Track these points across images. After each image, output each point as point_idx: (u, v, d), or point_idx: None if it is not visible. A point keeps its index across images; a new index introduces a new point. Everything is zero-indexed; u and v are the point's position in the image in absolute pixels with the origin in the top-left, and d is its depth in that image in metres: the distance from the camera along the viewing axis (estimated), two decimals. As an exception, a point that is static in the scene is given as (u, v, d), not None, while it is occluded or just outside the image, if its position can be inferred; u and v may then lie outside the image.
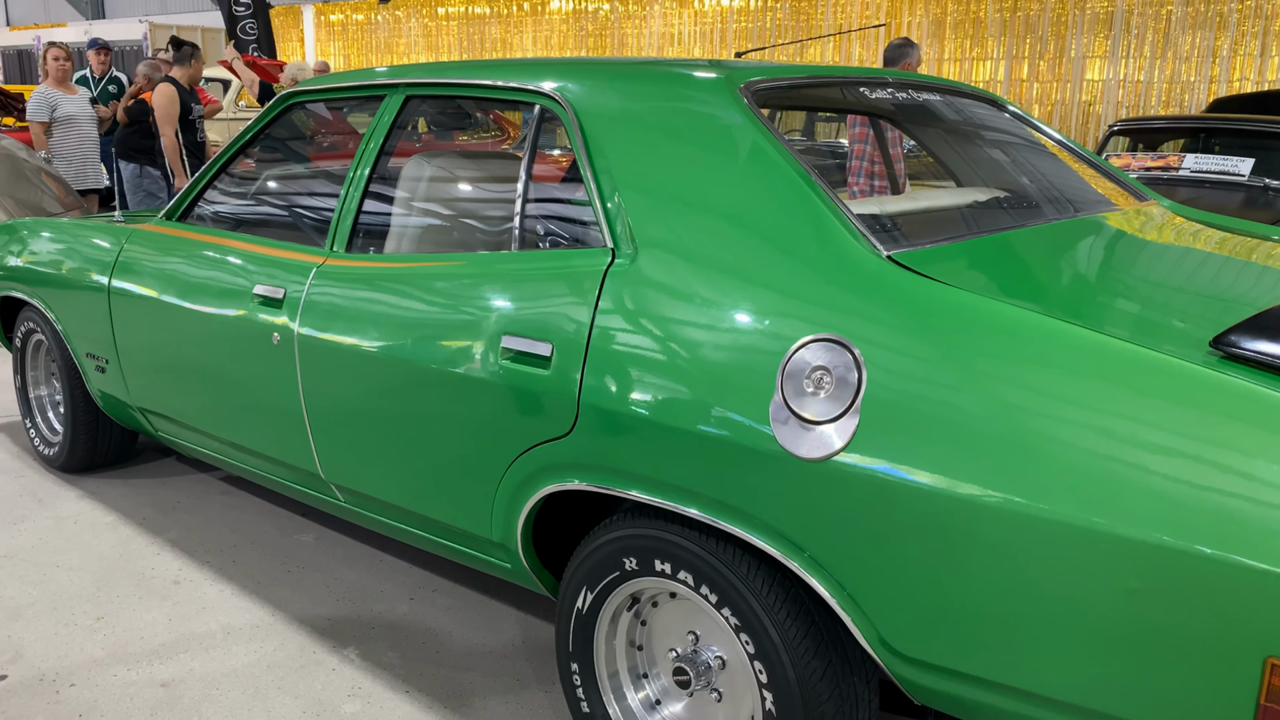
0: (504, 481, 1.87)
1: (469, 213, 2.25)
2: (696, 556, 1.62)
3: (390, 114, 2.30)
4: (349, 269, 2.19)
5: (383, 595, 2.62)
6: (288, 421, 2.34)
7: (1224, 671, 1.16)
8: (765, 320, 1.52)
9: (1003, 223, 1.90)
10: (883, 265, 1.49)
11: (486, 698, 2.18)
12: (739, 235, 1.61)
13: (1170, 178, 5.50)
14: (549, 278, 1.81)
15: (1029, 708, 1.34)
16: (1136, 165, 5.69)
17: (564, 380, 1.73)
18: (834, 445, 1.40)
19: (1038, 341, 1.33)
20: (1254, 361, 1.24)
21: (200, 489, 3.33)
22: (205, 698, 2.17)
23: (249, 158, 2.77)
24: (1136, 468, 1.20)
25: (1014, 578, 1.28)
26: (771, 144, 1.67)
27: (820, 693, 1.54)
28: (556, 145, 3.19)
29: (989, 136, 2.47)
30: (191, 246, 2.65)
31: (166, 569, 2.75)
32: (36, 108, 6.22)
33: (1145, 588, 1.19)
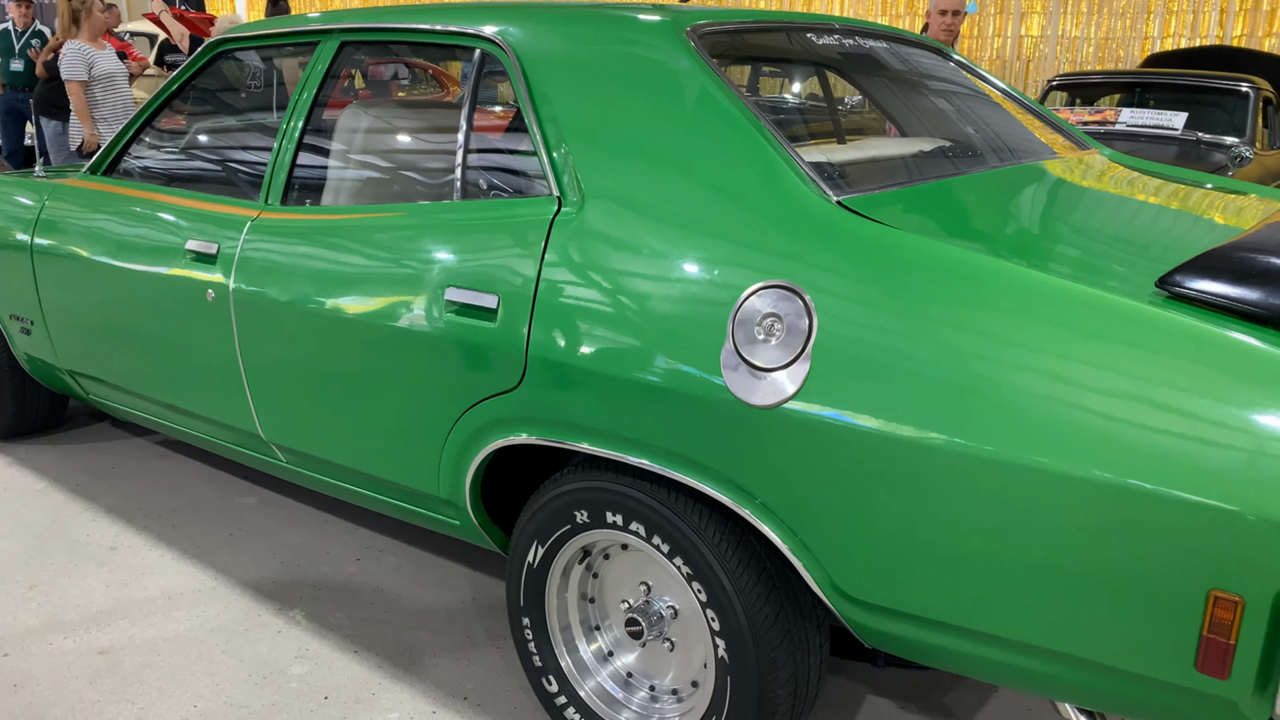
0: (451, 437, 1.84)
1: (408, 162, 2.19)
2: (648, 507, 1.61)
3: (324, 62, 2.22)
4: (285, 222, 2.12)
5: (328, 557, 2.58)
6: (225, 381, 2.27)
7: (1169, 605, 1.18)
8: (715, 268, 1.50)
9: (950, 170, 1.89)
10: (833, 210, 1.47)
11: (438, 655, 2.16)
12: (688, 182, 1.58)
13: (1107, 132, 5.58)
14: (493, 228, 1.77)
15: (977, 647, 1.36)
16: (1074, 119, 5.76)
17: (511, 332, 1.69)
18: (785, 392, 1.39)
19: (986, 285, 1.33)
20: (1198, 301, 1.25)
21: (136, 453, 3.24)
22: (146, 664, 2.12)
23: (177, 109, 2.67)
24: (1082, 408, 1.21)
25: (963, 520, 1.29)
26: (720, 88, 1.64)
27: (772, 639, 1.54)
28: (499, 94, 3.11)
29: (936, 86, 2.47)
30: (118, 201, 2.54)
31: (102, 535, 2.68)
32: (71, 64, 5.43)
33: (1092, 525, 1.20)
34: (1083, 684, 1.30)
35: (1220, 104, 6.00)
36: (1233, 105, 5.94)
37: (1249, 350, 1.17)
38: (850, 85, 2.61)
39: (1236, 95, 5.86)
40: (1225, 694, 1.18)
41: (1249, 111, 5.79)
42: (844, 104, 3.14)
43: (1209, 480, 1.13)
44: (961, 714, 1.98)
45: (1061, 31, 9.17)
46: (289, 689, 2.04)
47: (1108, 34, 9.01)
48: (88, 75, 5.51)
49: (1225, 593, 1.13)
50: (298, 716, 1.95)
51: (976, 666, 1.40)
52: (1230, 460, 1.13)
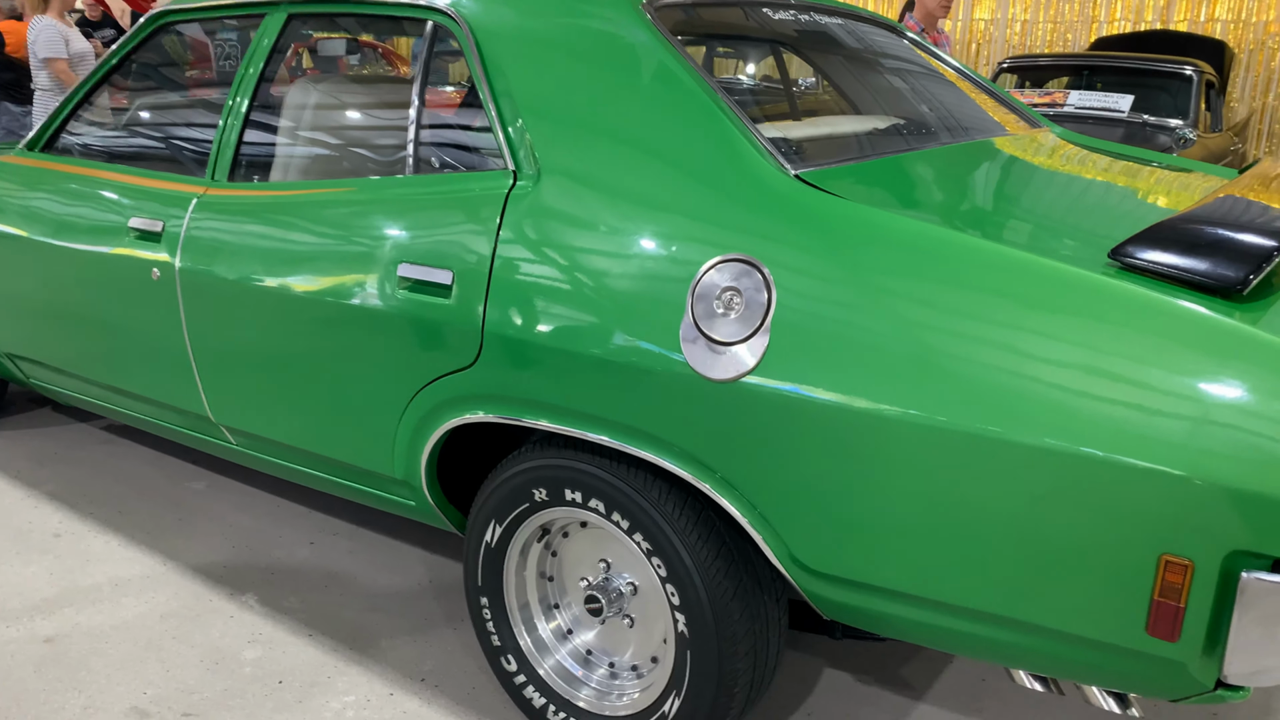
0: (405, 417, 1.81)
1: (359, 137, 2.15)
2: (607, 484, 1.60)
3: (271, 35, 2.16)
4: (232, 198, 2.07)
5: (281, 541, 2.54)
6: (172, 362, 2.22)
7: (1121, 570, 1.20)
8: (674, 242, 1.49)
9: (906, 146, 1.90)
10: (792, 184, 1.47)
11: (394, 637, 2.14)
12: (645, 156, 1.57)
13: (1055, 114, 5.66)
14: (447, 202, 1.74)
15: (934, 616, 1.38)
16: (1024, 101, 5.82)
17: (466, 309, 1.67)
18: (744, 366, 1.39)
19: (941, 256, 1.33)
20: (1149, 271, 1.27)
21: (80, 439, 3.16)
22: (94, 651, 2.07)
23: (118, 83, 2.59)
24: (1035, 377, 1.22)
25: (920, 490, 1.30)
26: (678, 62, 1.62)
27: (732, 612, 1.55)
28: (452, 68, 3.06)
29: (891, 64, 2.47)
30: (58, 179, 2.47)
31: (45, 522, 2.61)
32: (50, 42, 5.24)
33: (1046, 493, 1.22)
34: (1037, 650, 1.32)
35: (1165, 87, 6.11)
36: (1177, 88, 6.05)
37: (1198, 319, 1.19)
38: (806, 62, 2.61)
39: (1180, 78, 5.97)
40: (1175, 656, 1.20)
41: (1192, 94, 5.90)
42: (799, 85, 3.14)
43: (1159, 447, 1.15)
44: (918, 685, 2.00)
45: (1012, 15, 9.27)
46: (243, 674, 2.01)
47: (1056, 18, 9.13)
48: (67, 53, 5.32)
49: (1176, 557, 1.15)
50: (252, 701, 1.92)
51: (933, 636, 1.41)
52: (1179, 427, 1.15)
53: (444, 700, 1.93)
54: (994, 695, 1.97)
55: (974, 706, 1.94)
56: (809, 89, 4.53)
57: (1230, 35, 8.30)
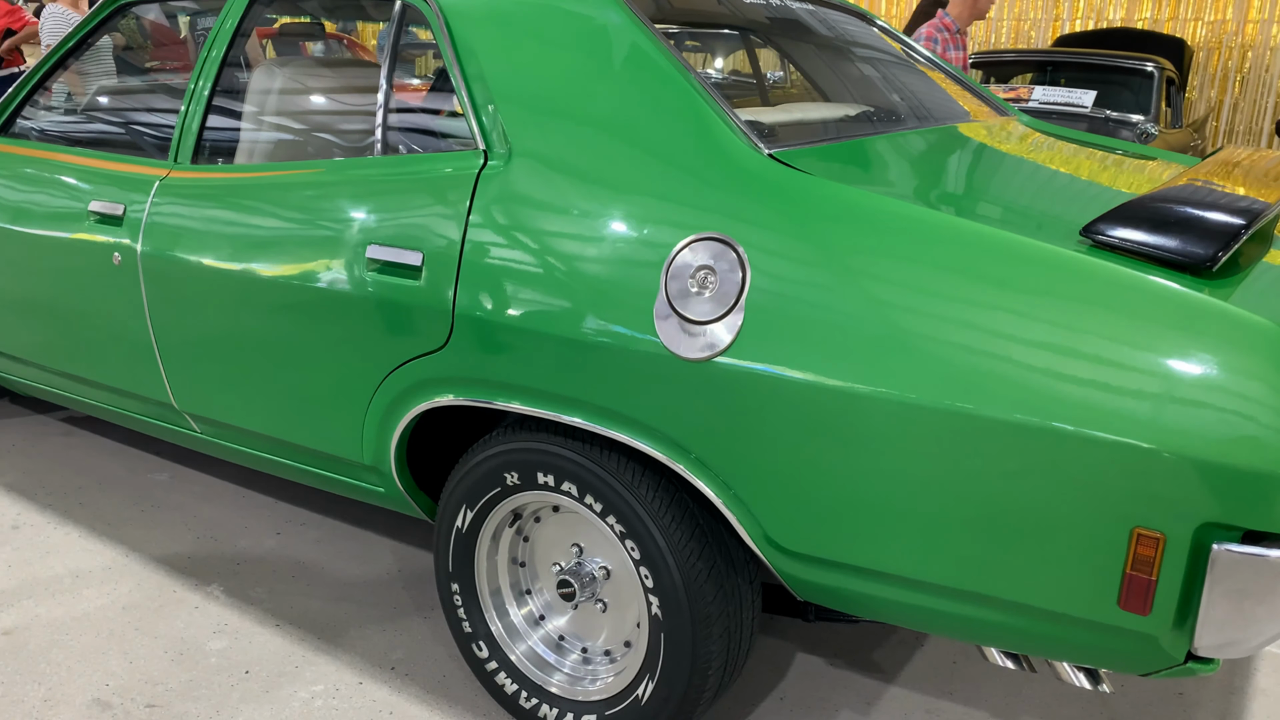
0: (374, 401, 1.79)
1: (326, 119, 2.12)
2: (580, 466, 1.58)
3: (234, 17, 2.12)
4: (196, 181, 2.03)
5: (247, 531, 2.50)
6: (134, 349, 2.17)
7: (1093, 545, 1.20)
8: (647, 220, 1.48)
9: (877, 130, 1.90)
10: (766, 163, 1.46)
11: (363, 627, 2.11)
12: (618, 134, 1.56)
13: (1020, 109, 5.71)
14: (416, 183, 1.72)
15: (908, 594, 1.38)
16: (989, 96, 5.87)
17: (436, 291, 1.65)
18: (719, 345, 1.38)
19: (916, 234, 1.33)
20: (1120, 248, 1.27)
21: (38, 430, 3.09)
22: (54, 643, 2.02)
23: (78, 66, 2.53)
24: (1006, 352, 1.23)
25: (893, 468, 1.30)
26: (651, 41, 1.61)
27: (706, 594, 1.54)
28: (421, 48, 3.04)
29: (862, 52, 2.48)
30: (14, 162, 2.41)
31: (3, 515, 2.55)
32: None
33: (1018, 469, 1.22)
34: (1009, 626, 1.33)
35: (1127, 83, 6.20)
36: (1138, 85, 6.14)
37: (1169, 295, 1.20)
38: (777, 50, 2.61)
39: (1142, 75, 6.06)
40: (1147, 630, 1.21)
41: (1154, 91, 5.99)
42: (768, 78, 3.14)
43: (1130, 421, 1.16)
44: (890, 669, 2.01)
45: (976, 12, 9.35)
46: (208, 664, 1.97)
47: (1020, 15, 9.22)
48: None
49: (1148, 530, 1.16)
50: (218, 692, 1.89)
51: (907, 614, 1.42)
52: (1150, 401, 1.15)
53: (414, 689, 1.91)
54: (965, 679, 1.98)
55: (946, 690, 1.95)
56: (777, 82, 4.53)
57: (1189, 33, 8.43)
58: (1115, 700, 1.92)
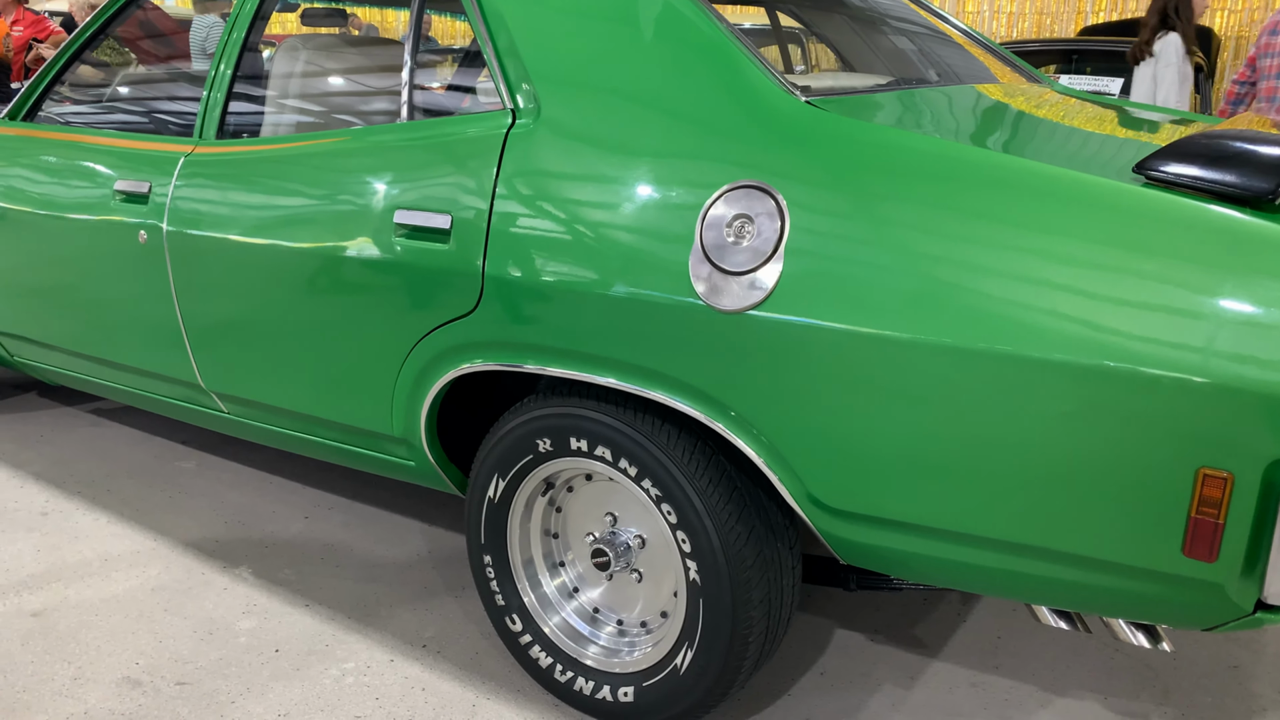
0: (404, 370, 1.76)
1: (351, 89, 2.10)
2: (614, 430, 1.55)
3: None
4: (222, 155, 2.01)
5: (274, 516, 2.48)
6: (161, 329, 2.16)
7: (1155, 488, 1.15)
8: (681, 171, 1.44)
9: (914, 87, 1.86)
10: (804, 108, 1.42)
11: (394, 606, 2.08)
12: (651, 84, 1.52)
13: (1046, 96, 5.64)
14: (443, 146, 1.69)
15: (958, 550, 1.33)
16: (1014, 85, 5.80)
17: (465, 254, 1.62)
18: (757, 295, 1.34)
19: (963, 172, 1.29)
20: (1177, 184, 1.22)
21: (66, 421, 3.09)
22: (83, 624, 2.00)
23: (101, 49, 2.53)
24: (1058, 288, 1.18)
25: (942, 418, 1.26)
26: (679, -7, 1.57)
27: (745, 558, 1.50)
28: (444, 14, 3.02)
29: (896, 24, 2.43)
30: (38, 146, 2.41)
31: (31, 501, 2.54)
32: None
33: (1074, 411, 1.17)
34: (1065, 581, 1.28)
35: (1154, 71, 6.10)
36: (1165, 72, 6.03)
37: (1232, 226, 1.15)
38: (804, 23, 2.57)
39: (1169, 61, 5.96)
40: (1213, 578, 1.16)
41: (1182, 77, 5.89)
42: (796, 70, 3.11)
43: (1194, 357, 1.11)
44: (932, 644, 1.95)
45: (998, 6, 9.28)
46: (237, 643, 1.94)
47: (1042, 9, 9.14)
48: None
49: (1214, 470, 1.11)
50: (248, 670, 1.86)
51: (957, 572, 1.37)
52: (1213, 335, 1.10)
53: (447, 665, 1.88)
54: (1010, 653, 1.93)
55: (990, 664, 1.89)
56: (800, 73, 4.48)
57: (1216, 23, 8.33)
58: (1167, 673, 1.86)
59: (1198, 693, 1.81)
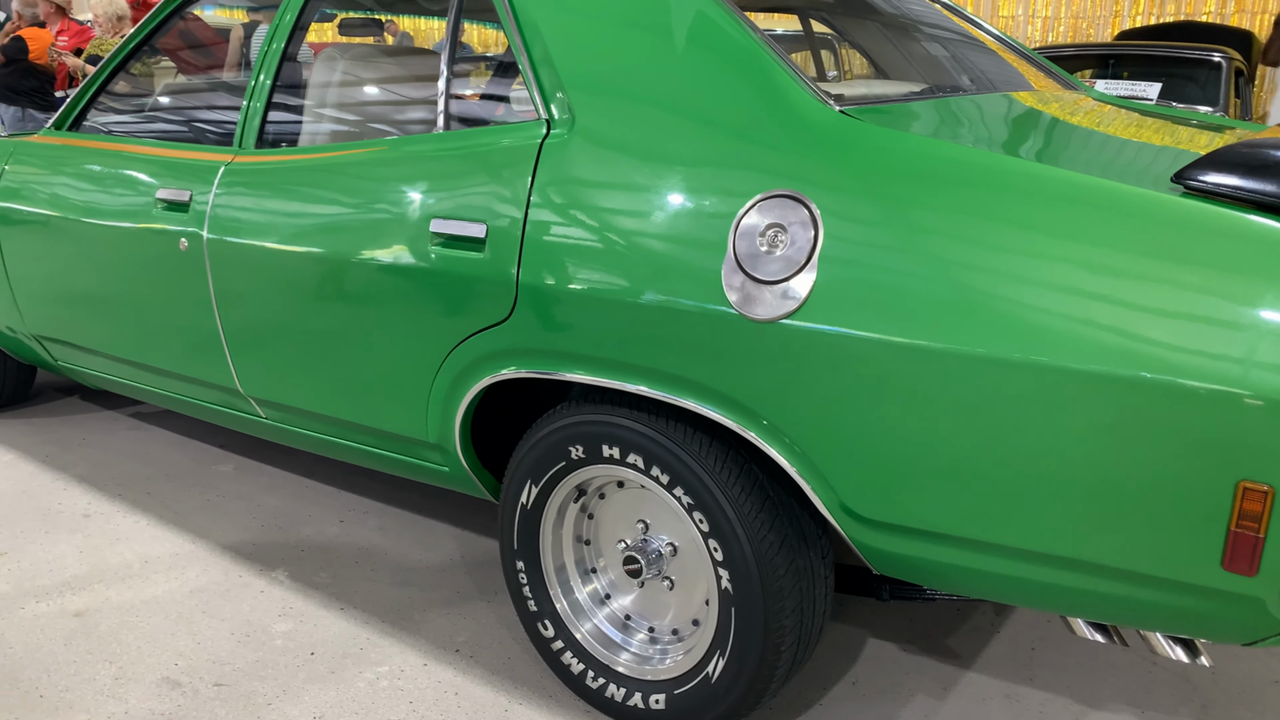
0: (439, 376, 1.78)
1: (388, 99, 2.12)
2: (646, 437, 1.55)
3: (294, 9, 2.14)
4: (261, 164, 2.05)
5: (310, 519, 2.51)
6: (200, 334, 2.19)
7: (1194, 501, 1.14)
8: (714, 180, 1.44)
9: (948, 93, 1.85)
10: (838, 117, 1.42)
11: (427, 610, 2.10)
12: (684, 94, 1.53)
13: (1083, 101, 5.59)
14: (479, 155, 1.71)
15: (993, 561, 1.32)
16: (1050, 90, 5.75)
17: (500, 262, 1.63)
18: (790, 304, 1.35)
19: (997, 184, 1.29)
20: (1216, 193, 1.21)
21: (107, 424, 3.14)
22: (124, 625, 2.04)
23: (144, 60, 2.58)
24: (1095, 297, 1.17)
25: (977, 428, 1.25)
26: (716, 3, 1.58)
27: (777, 566, 1.50)
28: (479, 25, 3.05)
29: (927, 30, 2.43)
30: (84, 156, 2.46)
31: (74, 503, 2.59)
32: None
33: (1110, 422, 1.16)
34: (1101, 594, 1.27)
35: (1193, 75, 6.03)
36: (1205, 76, 5.96)
37: (1272, 236, 1.14)
38: (841, 26, 2.57)
39: (1209, 66, 5.89)
40: (1253, 592, 1.14)
41: (1222, 82, 5.81)
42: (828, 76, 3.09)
43: (1235, 368, 1.10)
44: (966, 653, 1.94)
45: (1033, 10, 9.21)
46: (274, 645, 1.97)
47: (1079, 13, 9.05)
48: None
49: (1254, 483, 1.10)
50: (284, 672, 1.89)
51: (990, 583, 1.36)
52: (1253, 346, 1.09)
53: (480, 670, 1.89)
54: (1045, 664, 1.91)
55: (1025, 675, 1.88)
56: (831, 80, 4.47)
57: (1256, 26, 8.21)
58: (1207, 687, 1.84)
59: (1237, 708, 1.78)
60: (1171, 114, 2.25)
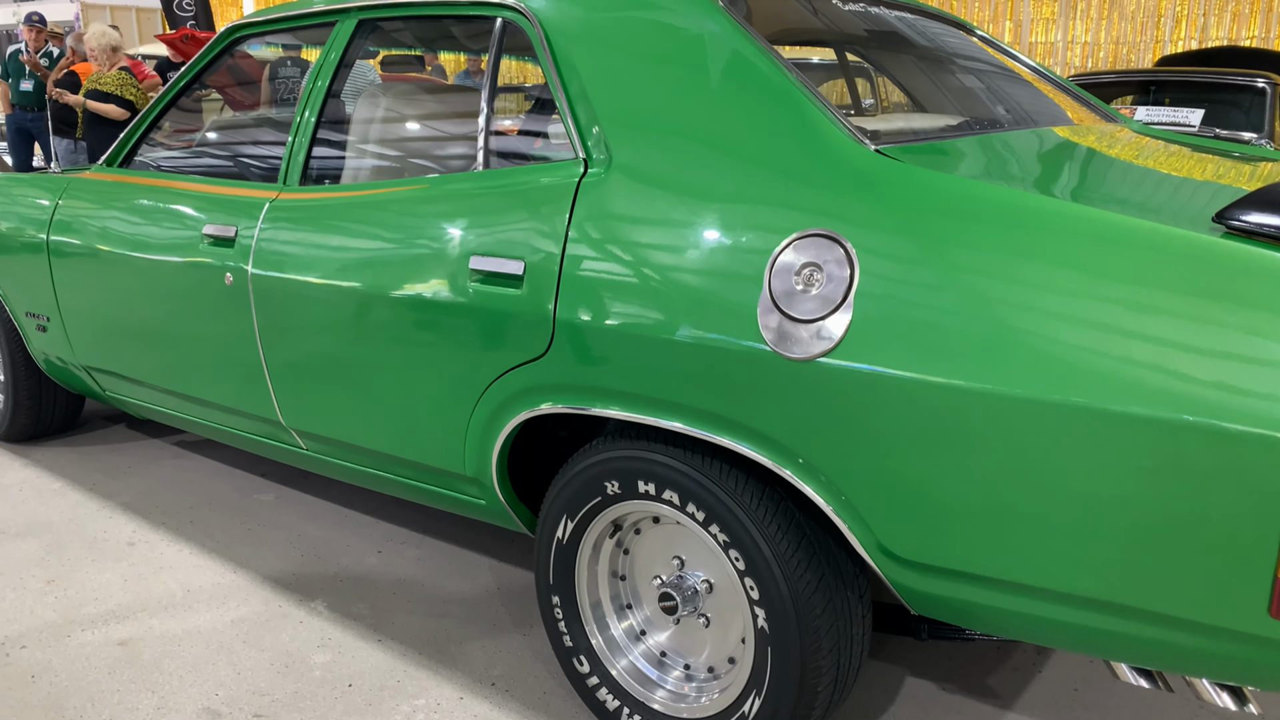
0: (477, 411, 1.80)
1: (429, 137, 2.16)
2: (682, 474, 1.56)
3: (341, 41, 2.19)
4: (305, 201, 2.09)
5: (349, 549, 2.53)
6: (244, 366, 2.23)
7: (1239, 547, 1.12)
8: (750, 219, 1.45)
9: (985, 130, 1.85)
10: (873, 157, 1.43)
11: (463, 643, 2.10)
12: (720, 137, 1.54)
13: (1123, 129, 5.53)
14: (517, 193, 1.73)
15: (1033, 604, 1.31)
16: (1090, 117, 5.71)
17: (537, 299, 1.65)
18: (826, 344, 1.35)
19: (1035, 225, 1.28)
20: (1260, 234, 1.20)
21: (152, 453, 3.20)
22: (167, 654, 2.07)
23: (194, 98, 2.65)
24: (1142, 341, 1.16)
25: (1016, 468, 1.24)
26: (751, 45, 1.60)
27: (814, 606, 1.49)
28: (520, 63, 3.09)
29: (964, 63, 2.43)
30: (134, 192, 2.52)
31: (119, 532, 2.64)
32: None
33: (1153, 467, 1.15)
34: (1144, 639, 1.25)
35: (1237, 101, 5.96)
36: (1249, 102, 5.89)
37: (1317, 278, 1.12)
38: (874, 63, 2.57)
39: (1253, 91, 5.82)
40: (1302, 640, 1.12)
41: (1267, 107, 5.74)
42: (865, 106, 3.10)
43: (1276, 412, 1.08)
44: (1005, 694, 1.91)
45: (1073, 36, 9.15)
46: (312, 677, 1.99)
47: (1119, 39, 8.99)
48: None
49: (1302, 530, 1.08)
50: (322, 704, 1.90)
51: (1030, 626, 1.34)
52: (1302, 392, 1.07)
53: (515, 704, 1.89)
54: (1089, 705, 1.87)
55: (1067, 717, 1.84)
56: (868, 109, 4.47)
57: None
58: (1256, 732, 1.79)
59: (1289, 754, 1.74)
60: (1213, 145, 2.23)
